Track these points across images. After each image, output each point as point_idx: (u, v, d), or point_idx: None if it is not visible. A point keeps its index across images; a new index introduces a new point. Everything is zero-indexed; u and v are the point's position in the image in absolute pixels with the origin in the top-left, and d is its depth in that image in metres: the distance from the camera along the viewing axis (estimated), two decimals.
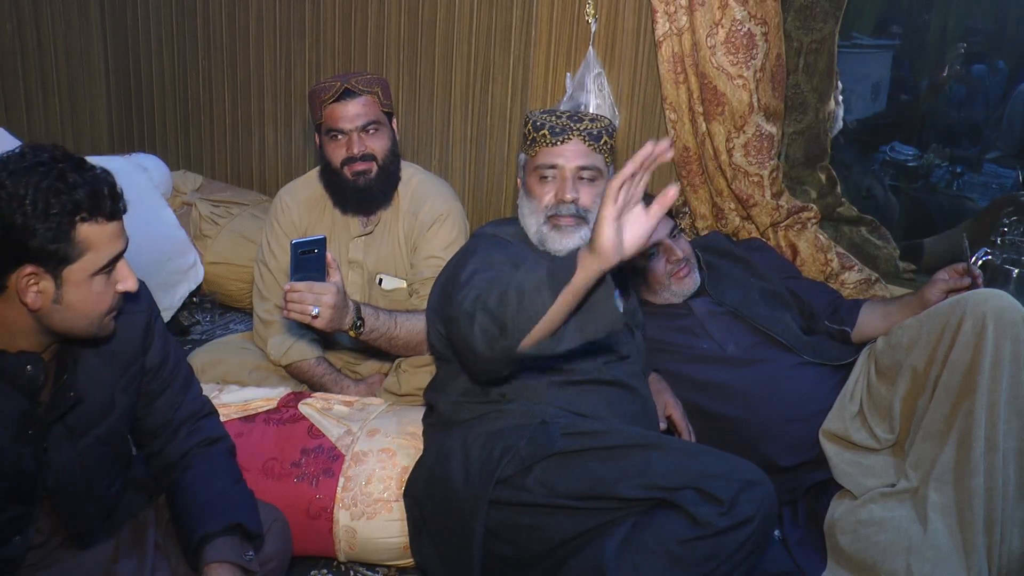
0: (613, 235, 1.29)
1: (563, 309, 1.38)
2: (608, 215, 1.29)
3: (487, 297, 1.46)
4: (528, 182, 1.80)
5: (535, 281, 1.38)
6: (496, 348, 1.43)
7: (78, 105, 3.61)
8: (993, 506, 1.58)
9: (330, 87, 2.06)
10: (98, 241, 1.19)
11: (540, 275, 1.39)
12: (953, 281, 1.90)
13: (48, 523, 1.35)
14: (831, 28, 2.44)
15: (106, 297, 1.24)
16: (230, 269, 2.93)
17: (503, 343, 1.41)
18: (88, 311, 1.23)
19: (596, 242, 1.30)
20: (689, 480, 1.39)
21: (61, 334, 1.25)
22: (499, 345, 1.42)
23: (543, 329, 1.39)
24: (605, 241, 1.29)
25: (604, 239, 1.29)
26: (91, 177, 1.18)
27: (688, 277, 2.10)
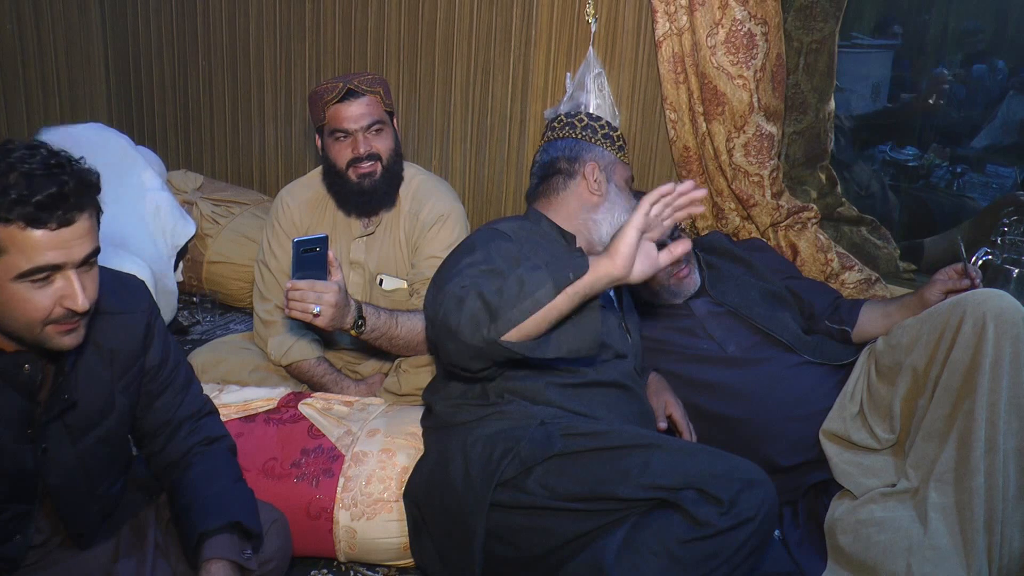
0: (634, 244, 1.33)
1: (559, 309, 1.38)
2: (636, 223, 1.32)
3: (483, 284, 1.46)
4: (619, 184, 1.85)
5: (539, 276, 1.39)
6: (480, 335, 1.42)
7: (78, 105, 3.61)
8: (993, 506, 1.58)
9: (333, 88, 2.06)
10: (21, 246, 1.11)
11: (543, 272, 1.39)
12: (952, 282, 1.90)
13: (48, 523, 1.35)
14: (831, 28, 2.44)
15: (36, 306, 1.15)
16: (231, 268, 2.93)
17: (490, 331, 1.41)
18: (15, 315, 1.16)
19: (616, 246, 1.33)
20: (689, 480, 1.39)
21: (8, 335, 1.20)
22: (485, 332, 1.41)
23: (533, 326, 1.40)
24: (625, 246, 1.32)
25: (625, 244, 1.32)
26: (43, 181, 1.11)
27: (688, 278, 2.10)
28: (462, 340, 1.45)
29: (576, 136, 1.88)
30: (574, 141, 1.88)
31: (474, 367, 1.54)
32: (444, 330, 1.49)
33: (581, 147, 1.87)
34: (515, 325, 1.40)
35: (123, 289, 1.41)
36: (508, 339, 1.41)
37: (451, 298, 1.48)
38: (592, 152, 1.86)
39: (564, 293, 1.38)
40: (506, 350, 1.43)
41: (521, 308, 1.39)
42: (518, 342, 1.42)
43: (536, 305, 1.38)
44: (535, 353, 1.43)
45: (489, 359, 1.50)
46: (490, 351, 1.45)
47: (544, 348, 1.43)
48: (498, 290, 1.42)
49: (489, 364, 1.54)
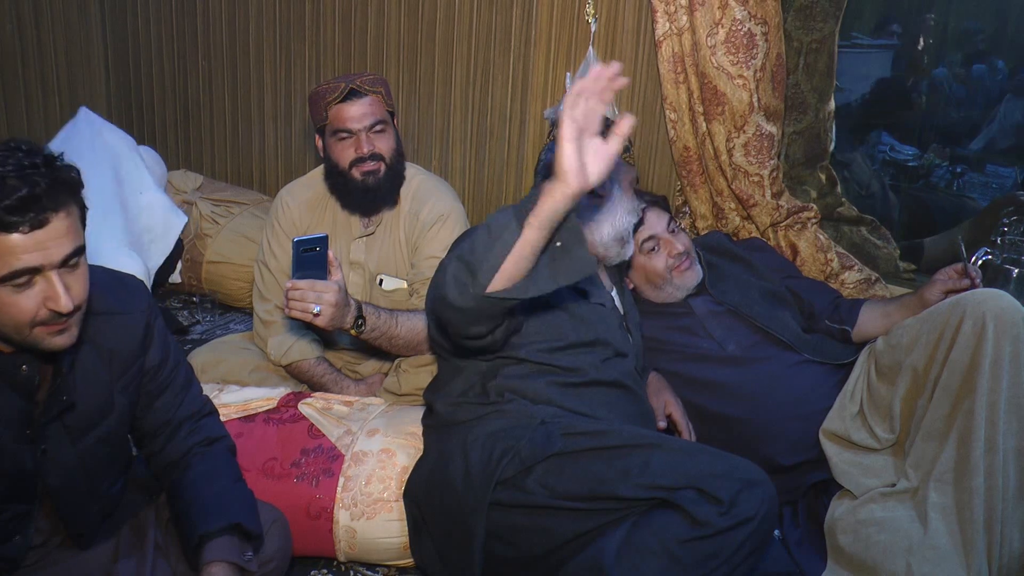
0: (573, 155, 1.30)
1: (532, 241, 1.36)
2: (566, 132, 1.30)
3: (461, 248, 1.45)
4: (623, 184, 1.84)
5: (503, 218, 1.38)
6: (467, 294, 1.40)
7: (78, 104, 3.59)
8: (993, 506, 1.58)
9: (335, 88, 2.06)
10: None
11: (507, 213, 1.38)
12: (952, 282, 1.90)
13: (48, 523, 1.35)
14: (831, 28, 2.44)
15: (20, 309, 1.14)
16: (230, 268, 2.93)
17: (473, 287, 1.39)
18: (1, 319, 1.15)
19: (559, 166, 1.31)
20: (689, 480, 1.39)
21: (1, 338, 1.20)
22: (470, 289, 1.40)
23: (514, 267, 1.37)
24: (566, 161, 1.30)
25: (565, 159, 1.30)
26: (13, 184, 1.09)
27: (690, 270, 2.10)
28: (454, 304, 1.43)
29: None
30: None
31: (479, 331, 1.51)
32: (440, 303, 1.48)
33: None
34: (495, 272, 1.37)
35: (122, 289, 1.40)
36: (494, 288, 1.39)
37: (439, 271, 1.48)
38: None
39: (529, 225, 1.35)
40: (497, 300, 1.40)
41: (494, 253, 1.37)
42: (507, 288, 1.39)
43: (506, 246, 1.36)
44: (528, 292, 1.40)
45: (489, 317, 1.47)
46: (483, 307, 1.42)
47: (535, 285, 1.40)
48: (471, 247, 1.41)
49: (492, 324, 1.50)
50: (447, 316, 1.49)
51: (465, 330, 1.51)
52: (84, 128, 2.94)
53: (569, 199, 1.33)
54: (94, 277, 1.26)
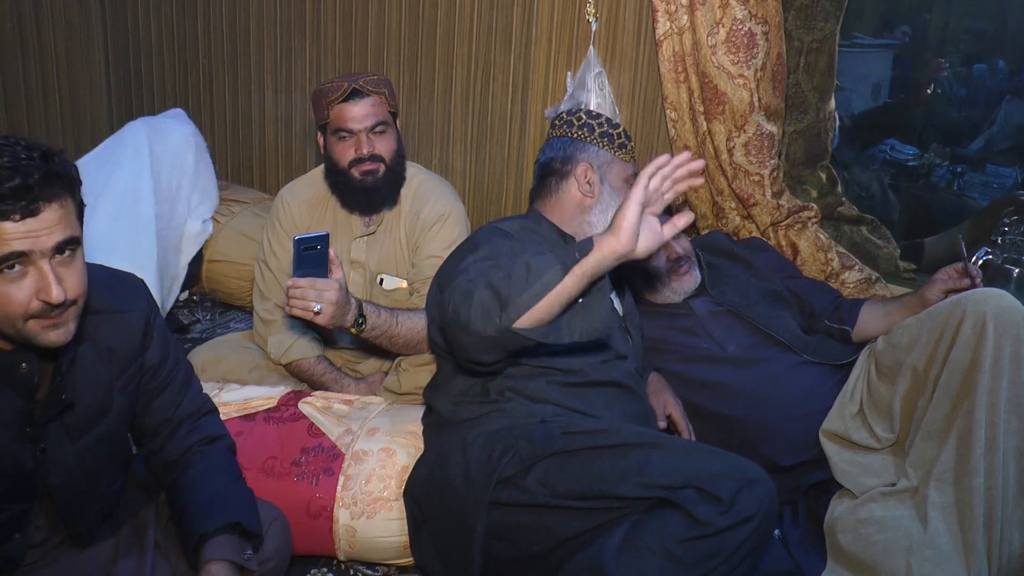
0: (635, 219, 1.34)
1: (569, 291, 1.38)
2: (635, 197, 1.34)
3: (490, 275, 1.44)
4: (615, 184, 1.83)
5: (546, 259, 1.40)
6: (492, 324, 1.41)
7: (78, 103, 3.61)
8: (993, 506, 1.58)
9: (338, 87, 2.06)
10: None
11: (549, 255, 1.40)
12: (952, 281, 1.90)
13: (48, 522, 1.35)
14: (832, 27, 2.44)
15: (12, 299, 1.14)
16: (231, 267, 2.93)
17: (501, 319, 1.39)
18: None
19: (618, 222, 1.34)
20: (689, 479, 1.39)
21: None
22: (497, 321, 1.40)
23: (544, 311, 1.39)
24: (627, 222, 1.33)
25: (627, 219, 1.33)
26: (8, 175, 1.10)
27: (688, 274, 2.10)
28: (474, 332, 1.43)
29: (572, 135, 1.86)
30: (569, 140, 1.85)
31: (488, 360, 1.51)
32: (455, 325, 1.47)
33: (575, 147, 1.84)
34: (526, 310, 1.38)
35: (121, 287, 1.40)
36: (520, 325, 1.39)
37: (459, 292, 1.46)
38: (586, 152, 1.83)
39: (572, 274, 1.37)
40: (520, 337, 1.41)
41: (531, 292, 1.37)
42: (531, 328, 1.40)
43: (545, 288, 1.37)
44: (549, 338, 1.41)
45: (503, 349, 1.48)
46: (503, 340, 1.43)
47: (557, 333, 1.41)
48: (506, 277, 1.41)
49: (502, 356, 1.51)
50: (461, 339, 1.49)
51: (476, 356, 1.51)
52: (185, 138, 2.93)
53: (615, 258, 1.36)
54: (94, 275, 1.26)
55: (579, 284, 1.38)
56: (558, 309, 1.40)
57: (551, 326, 1.41)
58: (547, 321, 1.41)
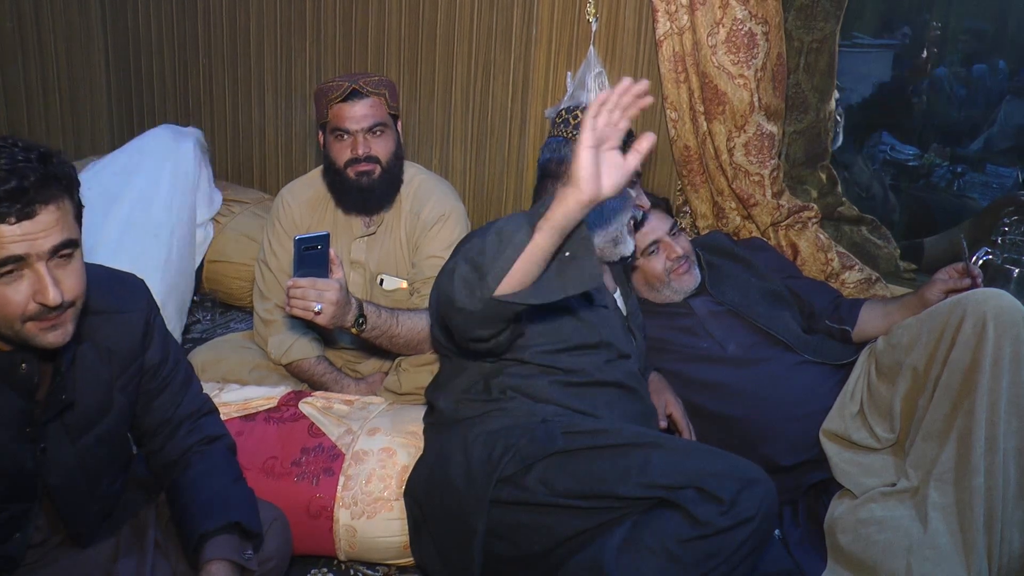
0: (590, 164, 1.30)
1: (543, 246, 1.36)
2: (585, 141, 1.30)
3: (470, 249, 1.44)
4: None
5: (515, 222, 1.38)
6: (475, 297, 1.40)
7: (78, 103, 3.61)
8: (993, 506, 1.58)
9: (338, 87, 2.06)
10: None
11: (519, 218, 1.38)
12: (953, 281, 1.90)
13: (48, 522, 1.35)
14: (832, 27, 2.44)
15: (9, 302, 1.13)
16: (231, 267, 2.93)
17: (482, 290, 1.38)
18: None
19: (574, 171, 1.31)
20: (689, 479, 1.39)
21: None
22: (478, 293, 1.39)
23: (522, 272, 1.37)
24: (582, 169, 1.30)
25: (581, 167, 1.30)
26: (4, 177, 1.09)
27: (688, 274, 2.10)
28: (462, 307, 1.43)
29: (566, 135, 1.85)
30: (563, 141, 1.85)
31: (484, 334, 1.50)
32: (446, 306, 1.48)
33: (569, 148, 1.82)
34: (504, 275, 1.37)
35: (121, 288, 1.40)
36: (503, 292, 1.38)
37: (446, 273, 1.47)
38: None
39: (540, 230, 1.35)
40: (506, 304, 1.40)
41: (504, 256, 1.36)
42: (515, 292, 1.39)
43: (516, 250, 1.36)
44: (537, 299, 1.40)
45: (496, 320, 1.46)
46: (490, 310, 1.42)
47: (545, 291, 1.40)
48: (480, 249, 1.40)
49: (501, 327, 1.49)
50: (453, 318, 1.49)
51: (470, 332, 1.51)
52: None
53: (582, 206, 1.34)
54: (93, 275, 1.26)
55: (551, 239, 1.36)
56: (538, 268, 1.38)
57: (536, 286, 1.40)
58: (530, 282, 1.39)
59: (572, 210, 1.34)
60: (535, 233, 1.36)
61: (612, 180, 1.35)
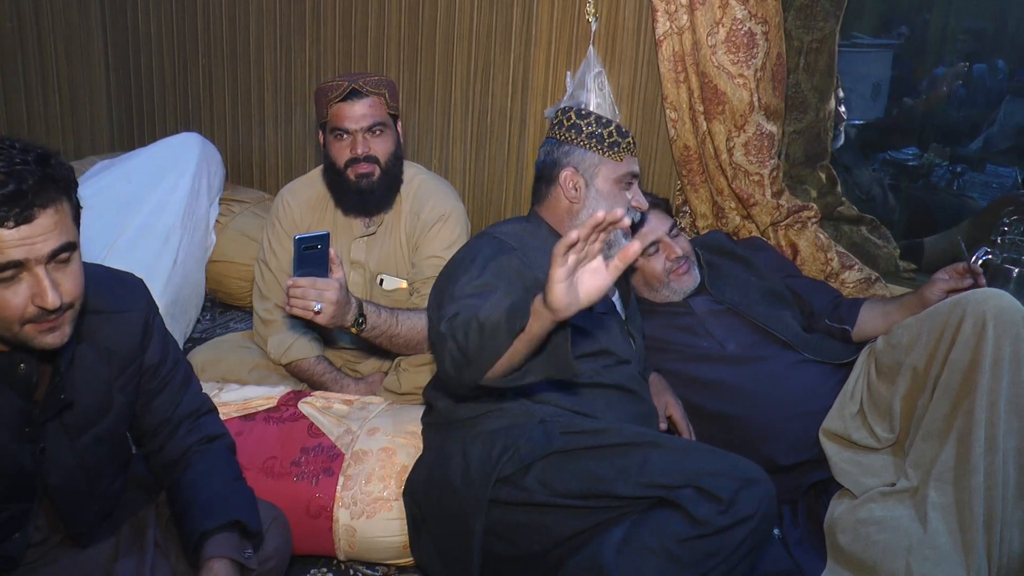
0: (563, 294, 1.28)
1: (522, 351, 1.39)
2: (556, 275, 1.27)
3: (457, 326, 1.45)
4: (602, 187, 1.80)
5: (496, 320, 1.38)
6: (463, 377, 1.45)
7: (78, 103, 3.61)
8: (993, 506, 1.58)
9: (337, 86, 2.06)
10: None
11: (501, 315, 1.38)
12: (953, 281, 1.90)
13: (47, 521, 1.35)
14: (832, 27, 2.44)
15: (8, 305, 1.13)
16: (231, 267, 2.93)
17: (469, 373, 1.43)
18: None
19: (548, 299, 1.29)
20: (688, 478, 1.39)
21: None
22: (465, 376, 1.44)
23: (505, 365, 1.41)
24: (557, 299, 1.28)
25: (555, 297, 1.28)
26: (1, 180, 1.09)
27: (687, 275, 2.10)
28: (452, 379, 1.49)
29: (559, 137, 1.84)
30: (556, 143, 1.84)
31: (477, 394, 1.56)
32: (439, 365, 1.53)
33: (561, 151, 1.82)
34: (487, 369, 1.41)
35: (120, 287, 1.40)
36: (489, 378, 1.43)
37: (438, 337, 1.50)
38: (571, 156, 1.81)
39: (519, 339, 1.37)
40: (496, 387, 1.46)
41: (486, 356, 1.40)
42: (499, 378, 1.43)
43: (497, 353, 1.39)
44: (517, 383, 1.44)
45: (487, 391, 1.52)
46: (478, 389, 1.48)
47: (523, 377, 1.44)
48: (467, 335, 1.42)
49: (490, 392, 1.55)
50: (448, 382, 1.54)
51: (462, 392, 1.58)
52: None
53: (556, 322, 1.33)
54: (93, 275, 1.26)
55: (529, 346, 1.38)
56: (520, 361, 1.41)
57: (518, 373, 1.43)
58: (513, 369, 1.42)
59: (547, 326, 1.34)
60: (515, 341, 1.38)
61: (591, 292, 1.31)
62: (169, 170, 2.84)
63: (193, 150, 2.91)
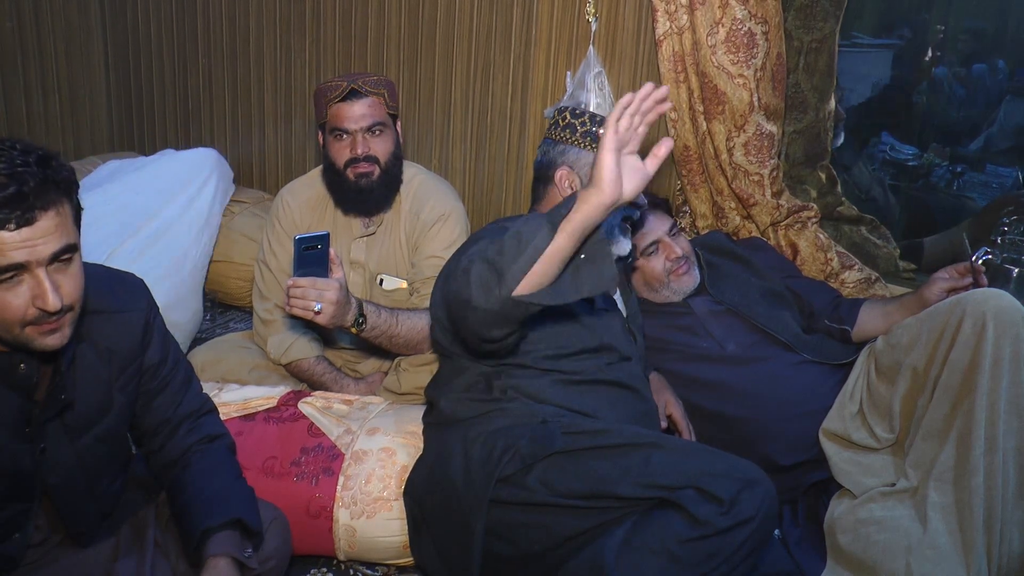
0: (613, 165, 1.31)
1: (563, 248, 1.36)
2: (608, 142, 1.31)
3: (485, 249, 1.43)
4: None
5: (536, 223, 1.38)
6: (492, 296, 1.39)
7: (78, 103, 3.61)
8: (993, 506, 1.58)
9: (337, 86, 2.06)
10: None
11: (539, 218, 1.38)
12: (953, 281, 1.90)
13: (47, 521, 1.35)
14: (831, 27, 2.44)
15: (9, 307, 1.13)
16: (230, 267, 2.93)
17: (500, 290, 1.37)
18: None
19: (597, 174, 1.31)
20: (689, 479, 1.39)
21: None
22: (496, 292, 1.38)
23: (540, 273, 1.36)
24: (606, 171, 1.31)
25: (605, 169, 1.31)
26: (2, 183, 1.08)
27: (687, 275, 2.10)
28: (478, 307, 1.41)
29: (555, 137, 1.84)
30: (552, 143, 1.84)
31: (497, 335, 1.48)
32: (459, 305, 1.46)
33: (557, 151, 1.82)
34: (522, 276, 1.36)
35: (121, 287, 1.40)
36: (521, 292, 1.37)
37: (459, 272, 1.45)
38: (566, 156, 1.81)
39: (561, 231, 1.35)
40: (524, 304, 1.38)
41: (524, 258, 1.36)
42: (533, 293, 1.38)
43: (537, 251, 1.35)
44: (554, 300, 1.39)
45: (510, 321, 1.45)
46: (507, 310, 1.40)
47: (561, 293, 1.39)
48: (499, 249, 1.39)
49: (512, 328, 1.48)
50: (467, 317, 1.46)
51: (485, 333, 1.48)
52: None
53: (603, 209, 1.33)
54: (93, 275, 1.26)
55: (571, 241, 1.36)
56: (556, 270, 1.38)
57: (554, 288, 1.39)
58: (548, 284, 1.39)
59: (593, 213, 1.34)
60: (556, 235, 1.35)
61: (633, 184, 1.36)
62: (183, 186, 2.83)
63: (211, 170, 2.91)
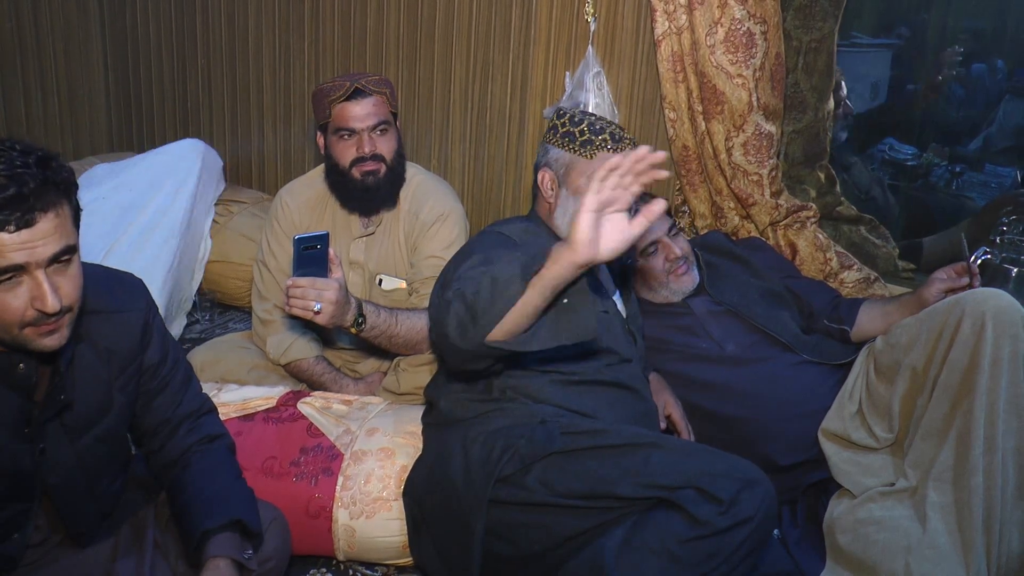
0: (588, 228, 1.26)
1: (534, 303, 1.34)
2: (588, 205, 1.26)
3: (466, 286, 1.43)
4: (577, 183, 1.76)
5: (510, 272, 1.36)
6: (468, 338, 1.40)
7: (77, 104, 3.60)
8: (992, 505, 1.58)
9: (340, 86, 2.06)
10: None
11: (515, 267, 1.36)
12: (951, 281, 1.90)
13: (47, 522, 1.35)
14: (830, 27, 2.44)
15: (8, 309, 1.13)
16: (229, 268, 2.93)
17: (473, 333, 1.38)
18: None
19: (572, 232, 1.27)
20: (689, 479, 1.39)
21: None
22: (470, 335, 1.39)
23: (514, 322, 1.36)
24: (579, 232, 1.27)
25: (579, 231, 1.26)
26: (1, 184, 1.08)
27: (686, 275, 2.10)
28: (454, 344, 1.44)
29: (548, 141, 1.84)
30: (542, 145, 1.85)
31: (477, 367, 1.53)
32: (440, 336, 1.49)
33: (542, 152, 1.83)
34: (496, 323, 1.36)
35: (120, 288, 1.40)
36: (494, 338, 1.38)
37: (443, 304, 1.46)
38: (547, 156, 1.81)
39: (532, 287, 1.33)
40: (495, 349, 1.40)
41: (496, 307, 1.35)
42: (505, 340, 1.38)
43: (508, 303, 1.34)
44: (526, 347, 1.38)
45: (486, 359, 1.49)
46: (481, 352, 1.43)
47: (535, 341, 1.39)
48: (475, 291, 1.38)
49: (490, 363, 1.52)
50: (446, 349, 1.49)
51: (463, 366, 1.52)
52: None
53: (575, 268, 1.30)
54: (92, 276, 1.26)
55: (543, 296, 1.34)
56: (528, 320, 1.37)
57: (528, 335, 1.39)
58: (521, 331, 1.38)
59: (564, 272, 1.31)
60: (528, 289, 1.34)
61: (612, 244, 1.29)
62: (170, 176, 2.86)
63: (196, 158, 2.92)
